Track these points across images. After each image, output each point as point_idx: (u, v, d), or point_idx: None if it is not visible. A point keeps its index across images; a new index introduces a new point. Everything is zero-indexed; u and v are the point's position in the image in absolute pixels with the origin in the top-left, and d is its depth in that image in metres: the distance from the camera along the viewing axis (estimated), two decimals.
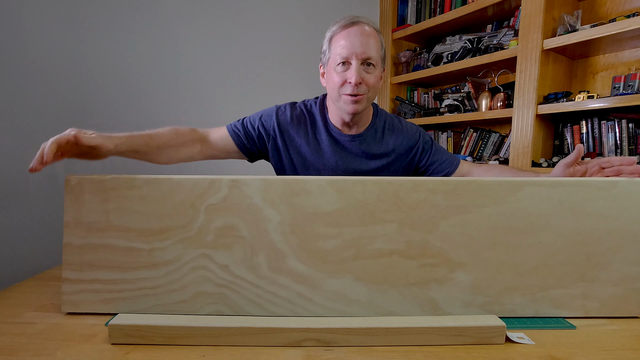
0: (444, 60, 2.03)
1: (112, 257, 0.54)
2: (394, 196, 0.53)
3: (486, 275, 0.54)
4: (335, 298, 0.54)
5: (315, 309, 0.54)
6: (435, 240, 0.53)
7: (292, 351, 0.45)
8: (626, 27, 1.31)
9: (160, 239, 0.54)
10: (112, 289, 0.54)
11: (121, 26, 1.64)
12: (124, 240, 0.54)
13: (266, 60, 1.96)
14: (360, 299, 0.54)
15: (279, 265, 0.54)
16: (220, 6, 1.84)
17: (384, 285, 0.54)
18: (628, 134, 1.50)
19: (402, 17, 2.31)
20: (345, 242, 0.54)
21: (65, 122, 1.49)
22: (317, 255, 0.54)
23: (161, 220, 0.54)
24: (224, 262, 0.54)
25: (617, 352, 0.45)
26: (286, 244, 0.54)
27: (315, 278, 0.54)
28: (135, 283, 0.54)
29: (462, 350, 0.46)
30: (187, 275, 0.54)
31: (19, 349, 0.45)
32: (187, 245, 0.54)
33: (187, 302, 0.54)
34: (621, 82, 1.42)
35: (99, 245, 0.54)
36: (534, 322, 0.53)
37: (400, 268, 0.54)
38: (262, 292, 0.54)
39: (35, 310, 0.56)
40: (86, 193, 0.54)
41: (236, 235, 0.54)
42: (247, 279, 0.54)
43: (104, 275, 0.54)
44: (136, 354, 0.44)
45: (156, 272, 0.54)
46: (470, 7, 1.85)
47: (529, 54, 1.58)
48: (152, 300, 0.54)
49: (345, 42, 0.79)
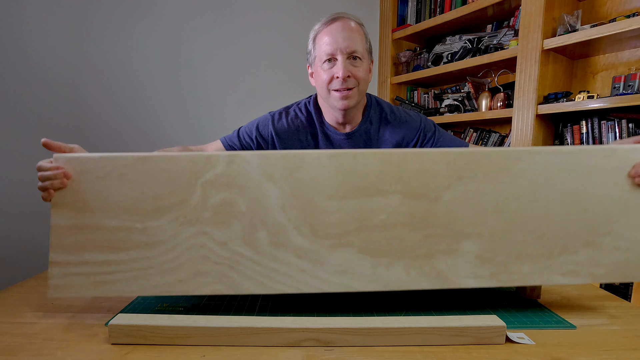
0: (444, 60, 2.03)
1: (102, 237, 0.52)
2: (396, 167, 0.53)
3: (492, 245, 0.53)
4: (340, 272, 0.52)
5: (318, 284, 0.52)
6: (439, 211, 0.53)
7: (292, 351, 0.45)
8: (626, 27, 1.31)
9: (155, 218, 0.52)
10: (103, 271, 0.52)
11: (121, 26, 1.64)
12: (115, 220, 0.52)
13: (267, 60, 1.95)
14: (365, 272, 0.52)
15: (280, 240, 0.52)
16: (220, 9, 1.84)
17: (389, 257, 0.52)
18: (628, 134, 1.50)
19: (402, 17, 2.31)
20: (347, 215, 0.53)
21: (66, 123, 1.49)
22: (320, 229, 0.53)
23: (155, 198, 0.52)
24: (222, 239, 0.52)
25: (617, 352, 0.45)
26: (287, 219, 0.53)
27: (318, 252, 0.52)
28: (128, 264, 0.52)
29: (462, 350, 0.46)
30: (184, 254, 0.52)
31: (19, 349, 0.45)
32: (183, 223, 0.52)
33: (184, 282, 0.52)
34: (621, 82, 1.42)
35: (88, 226, 0.52)
36: (534, 322, 0.53)
37: (405, 240, 0.53)
38: (263, 269, 0.52)
39: (35, 310, 0.56)
40: (75, 172, 0.53)
41: (235, 211, 0.52)
42: (247, 256, 0.52)
43: (94, 257, 0.52)
44: (136, 354, 0.44)
45: (150, 252, 0.52)
46: (470, 7, 1.85)
47: (529, 54, 1.58)
48: (146, 281, 0.52)
49: (328, 38, 0.79)
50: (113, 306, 0.58)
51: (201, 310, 0.56)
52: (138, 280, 0.52)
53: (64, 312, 0.56)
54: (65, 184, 0.53)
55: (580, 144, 1.63)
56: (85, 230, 0.52)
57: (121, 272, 0.52)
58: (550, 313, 0.56)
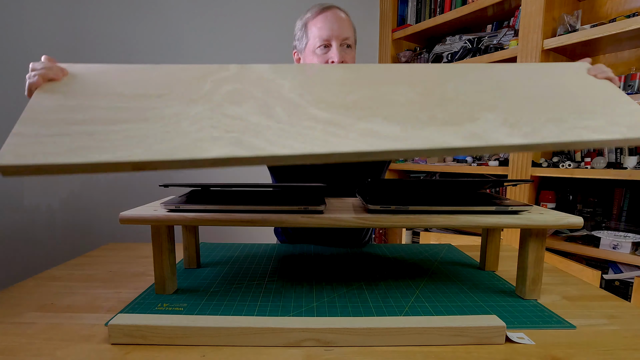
0: (444, 60, 2.03)
1: (93, 115, 0.45)
2: (397, 72, 0.60)
3: (512, 114, 0.52)
4: (368, 134, 0.48)
5: (350, 143, 0.46)
6: (449, 92, 0.56)
7: (292, 351, 0.45)
8: (626, 27, 1.31)
9: (157, 100, 0.49)
10: (84, 139, 0.42)
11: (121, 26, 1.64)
12: (111, 102, 0.47)
13: (267, 61, 1.96)
14: (395, 134, 0.48)
15: (299, 113, 0.50)
16: (220, 9, 1.84)
17: (418, 123, 0.50)
18: None
19: (402, 17, 2.31)
20: (364, 98, 0.54)
21: None
22: (339, 106, 0.52)
23: (161, 88, 0.50)
24: (236, 114, 0.48)
25: (617, 352, 0.45)
26: (305, 100, 0.52)
27: (342, 121, 0.49)
28: (119, 133, 0.44)
29: (462, 350, 0.46)
30: (191, 125, 0.46)
31: (19, 349, 0.45)
32: (189, 102, 0.49)
33: (190, 146, 0.43)
34: (621, 82, 1.42)
35: (77, 107, 0.46)
36: (533, 322, 0.53)
37: (428, 111, 0.52)
38: (288, 133, 0.46)
39: (35, 310, 0.56)
40: (75, 72, 0.51)
41: (247, 95, 0.51)
42: (267, 125, 0.47)
43: (78, 129, 0.43)
44: (136, 354, 0.44)
45: (149, 125, 0.45)
46: (470, 7, 1.85)
47: (529, 54, 1.58)
48: (138, 145, 0.42)
49: (323, 24, 0.83)
50: (113, 306, 0.58)
51: (201, 310, 0.56)
52: (128, 146, 0.42)
53: (64, 312, 0.56)
54: (59, 77, 0.50)
55: None
56: (72, 110, 0.45)
57: (109, 140, 0.42)
58: (550, 313, 0.56)
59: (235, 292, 0.63)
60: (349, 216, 0.58)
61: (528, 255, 0.59)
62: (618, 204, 1.54)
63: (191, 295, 0.61)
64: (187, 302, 0.59)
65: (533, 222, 0.57)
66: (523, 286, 0.61)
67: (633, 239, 1.37)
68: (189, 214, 0.58)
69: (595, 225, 1.55)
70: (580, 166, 1.51)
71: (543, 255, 0.59)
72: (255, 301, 0.59)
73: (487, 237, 0.75)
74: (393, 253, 0.87)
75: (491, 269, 0.75)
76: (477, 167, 1.89)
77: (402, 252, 0.88)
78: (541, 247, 0.59)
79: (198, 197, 0.65)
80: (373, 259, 0.81)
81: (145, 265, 0.78)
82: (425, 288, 0.65)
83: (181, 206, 0.59)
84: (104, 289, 0.65)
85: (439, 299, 0.60)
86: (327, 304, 0.58)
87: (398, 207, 0.59)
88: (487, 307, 0.58)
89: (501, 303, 0.59)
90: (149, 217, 0.57)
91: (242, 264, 0.78)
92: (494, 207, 0.59)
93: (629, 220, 1.51)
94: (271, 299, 0.60)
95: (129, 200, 1.64)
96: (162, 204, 0.60)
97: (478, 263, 0.80)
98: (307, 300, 0.59)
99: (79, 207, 1.55)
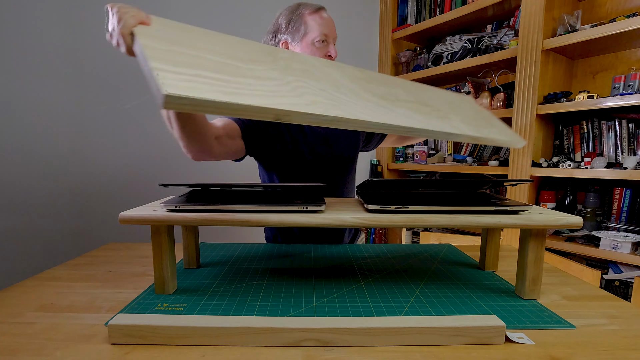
0: (444, 60, 2.03)
1: (209, 64, 0.45)
2: (394, 80, 0.73)
3: (464, 121, 0.67)
4: (405, 116, 0.57)
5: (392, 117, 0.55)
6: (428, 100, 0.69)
7: (292, 351, 0.45)
8: (626, 27, 1.31)
9: (256, 65, 0.50)
10: (224, 85, 0.42)
11: None
12: (217, 57, 0.47)
13: None
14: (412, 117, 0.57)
15: (356, 93, 0.59)
16: (220, 9, 1.84)
17: (420, 115, 0.60)
18: (628, 134, 1.50)
19: (402, 17, 2.31)
20: (388, 93, 0.64)
21: (66, 123, 1.49)
22: (380, 96, 0.60)
23: (247, 55, 0.52)
24: (317, 86, 0.53)
25: (617, 352, 0.45)
26: (356, 85, 0.60)
27: (387, 105, 0.58)
28: (250, 85, 0.44)
29: (462, 350, 0.46)
30: (294, 90, 0.48)
31: (19, 349, 0.45)
32: (281, 73, 0.51)
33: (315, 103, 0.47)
34: (621, 82, 1.42)
35: (188, 54, 0.45)
36: (533, 322, 0.53)
37: (423, 108, 0.64)
38: (355, 104, 0.53)
39: (35, 310, 0.56)
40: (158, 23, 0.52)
41: (316, 76, 0.57)
42: (342, 98, 0.53)
43: (209, 74, 0.43)
44: (136, 354, 0.44)
45: (266, 82, 0.47)
46: (470, 7, 1.85)
47: (529, 54, 1.58)
48: (274, 97, 0.44)
49: (323, 22, 0.92)
50: (113, 306, 0.58)
51: (201, 310, 0.56)
52: (269, 97, 0.43)
53: (64, 312, 0.56)
54: (149, 22, 0.48)
55: (581, 144, 1.63)
56: (185, 55, 0.44)
57: (247, 89, 0.43)
58: (550, 313, 0.56)
59: (235, 292, 0.63)
60: (348, 216, 0.58)
61: (528, 255, 0.59)
62: (618, 204, 1.54)
63: (191, 295, 0.61)
64: (187, 302, 0.59)
65: (533, 222, 0.57)
66: (523, 286, 0.61)
67: (633, 239, 1.37)
68: (188, 214, 0.58)
69: (595, 225, 1.56)
70: (580, 166, 1.51)
71: (543, 255, 0.59)
72: (255, 301, 0.59)
73: (487, 237, 0.75)
74: (393, 253, 0.87)
75: (491, 269, 0.75)
76: (477, 167, 1.89)
77: (402, 252, 0.88)
78: (541, 247, 0.59)
79: (198, 197, 0.65)
80: (373, 259, 0.82)
81: (145, 265, 0.78)
82: (425, 288, 0.65)
83: (181, 206, 0.59)
84: (104, 289, 0.65)
85: (438, 299, 0.60)
86: (327, 304, 0.58)
87: (398, 207, 0.59)
88: (487, 307, 0.58)
89: (501, 303, 0.59)
90: (149, 217, 0.57)
91: (242, 264, 0.78)
92: (494, 207, 0.60)
93: (629, 220, 1.51)
94: (271, 299, 0.60)
95: (129, 200, 1.64)
96: (161, 204, 0.60)
97: (478, 263, 0.80)
98: (307, 300, 0.59)
99: (79, 207, 1.55)
